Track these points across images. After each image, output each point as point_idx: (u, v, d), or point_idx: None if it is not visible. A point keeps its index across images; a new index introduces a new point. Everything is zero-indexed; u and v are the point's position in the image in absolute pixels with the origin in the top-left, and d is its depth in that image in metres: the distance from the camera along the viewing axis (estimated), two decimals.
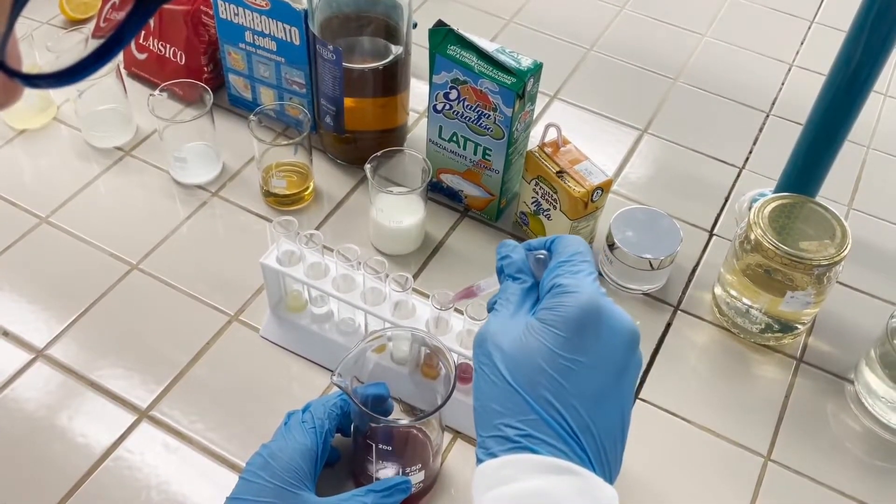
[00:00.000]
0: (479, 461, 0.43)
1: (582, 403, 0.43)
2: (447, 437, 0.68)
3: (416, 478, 0.60)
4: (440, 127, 0.80)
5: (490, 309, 0.50)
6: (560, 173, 0.74)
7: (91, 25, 0.98)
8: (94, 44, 0.55)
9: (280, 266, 0.68)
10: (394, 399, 0.63)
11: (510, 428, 0.42)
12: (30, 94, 0.89)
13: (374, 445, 0.58)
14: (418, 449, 0.62)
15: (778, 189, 0.82)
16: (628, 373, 0.45)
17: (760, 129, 0.99)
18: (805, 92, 0.77)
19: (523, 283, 0.49)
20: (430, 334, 0.61)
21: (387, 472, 0.60)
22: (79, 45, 0.85)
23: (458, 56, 0.75)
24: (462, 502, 0.65)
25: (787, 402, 0.73)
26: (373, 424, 0.58)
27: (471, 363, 0.60)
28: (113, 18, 0.93)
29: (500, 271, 0.50)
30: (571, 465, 0.41)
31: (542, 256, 0.49)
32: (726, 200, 0.90)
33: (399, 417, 0.64)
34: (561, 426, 0.42)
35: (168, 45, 0.91)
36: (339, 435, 0.64)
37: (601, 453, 0.43)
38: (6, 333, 0.72)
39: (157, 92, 0.83)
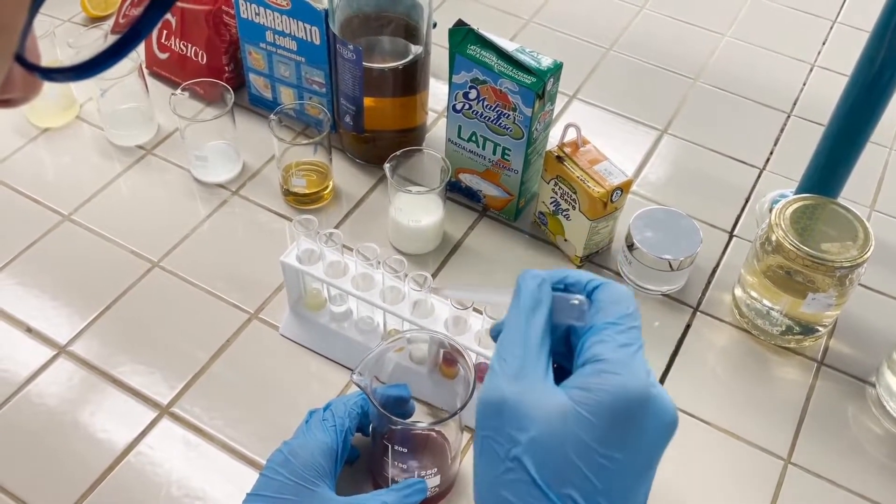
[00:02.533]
0: None
1: (608, 500, 0.37)
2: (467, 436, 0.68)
3: (433, 481, 0.60)
4: (459, 126, 0.80)
5: (494, 335, 0.43)
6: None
7: (111, 22, 0.99)
8: (111, 39, 0.55)
9: (300, 264, 0.69)
10: (415, 399, 0.63)
11: None
12: (53, 93, 0.90)
13: (390, 446, 0.58)
14: (436, 452, 0.62)
15: (799, 190, 0.81)
16: (657, 460, 0.39)
17: (781, 130, 0.98)
18: (827, 92, 0.76)
19: (536, 331, 0.40)
20: (449, 336, 0.61)
21: (403, 473, 0.60)
22: (98, 41, 0.86)
23: (477, 55, 0.75)
24: None
25: (808, 405, 0.72)
26: (391, 426, 0.58)
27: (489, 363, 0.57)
28: (131, 14, 0.93)
29: (516, 305, 0.41)
30: None
31: (577, 302, 0.41)
32: (747, 201, 0.89)
33: (418, 420, 0.64)
34: None
35: (189, 45, 0.92)
36: (359, 434, 0.64)
37: None
38: (30, 330, 0.73)
39: (178, 91, 0.83)
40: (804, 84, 1.05)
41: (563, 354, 0.43)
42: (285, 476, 0.56)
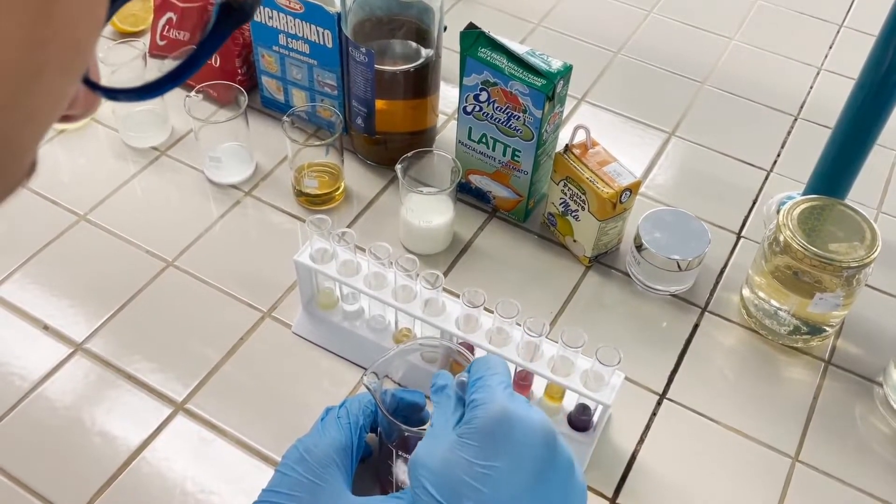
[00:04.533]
0: None
1: None
2: None
3: None
4: (470, 128, 0.81)
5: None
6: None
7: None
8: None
9: (313, 263, 0.70)
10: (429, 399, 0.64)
11: None
12: None
13: (395, 452, 0.59)
14: None
15: (807, 192, 0.82)
16: (553, 472, 0.46)
17: (788, 133, 0.99)
18: (834, 96, 0.77)
19: (444, 411, 0.50)
20: (459, 346, 0.62)
21: (404, 478, 0.60)
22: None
23: (488, 58, 0.76)
24: None
25: (816, 404, 0.73)
26: (398, 432, 0.58)
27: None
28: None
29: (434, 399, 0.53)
30: None
31: (464, 379, 0.51)
32: (754, 203, 0.90)
33: (426, 426, 0.64)
34: None
35: None
36: (372, 434, 0.64)
37: None
38: (46, 328, 0.74)
39: (192, 93, 0.85)
40: (811, 87, 1.05)
41: None
42: (300, 473, 0.57)
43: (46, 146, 0.91)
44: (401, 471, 0.60)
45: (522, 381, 0.68)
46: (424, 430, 0.60)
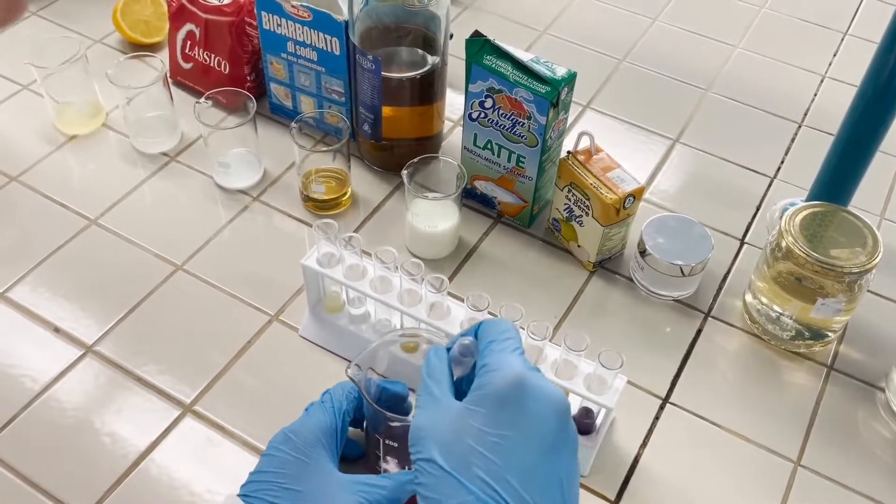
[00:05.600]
0: None
1: (516, 477, 0.43)
2: None
3: None
4: (475, 135, 0.82)
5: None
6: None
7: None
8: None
9: (320, 267, 0.71)
10: (412, 391, 0.65)
11: None
12: (80, 102, 0.93)
13: (381, 441, 0.60)
14: None
15: (809, 198, 0.83)
16: (562, 446, 0.45)
17: (792, 140, 1.00)
18: (838, 103, 0.77)
19: (440, 381, 0.49)
20: (439, 334, 0.63)
21: (392, 467, 0.61)
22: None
23: (493, 65, 0.77)
24: None
25: (818, 409, 0.73)
26: (382, 421, 0.59)
27: None
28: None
29: (423, 369, 0.51)
30: None
31: (467, 342, 0.50)
32: (758, 209, 0.91)
33: (410, 415, 0.65)
34: (496, 501, 0.42)
35: (213, 55, 0.95)
36: (358, 430, 0.66)
37: None
38: (57, 330, 0.75)
39: (202, 100, 0.86)
40: (815, 95, 1.06)
41: None
42: (287, 452, 0.57)
43: (57, 152, 0.92)
44: (390, 463, 0.61)
45: None
46: (409, 419, 0.62)
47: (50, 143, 0.93)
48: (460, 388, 0.51)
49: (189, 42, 0.96)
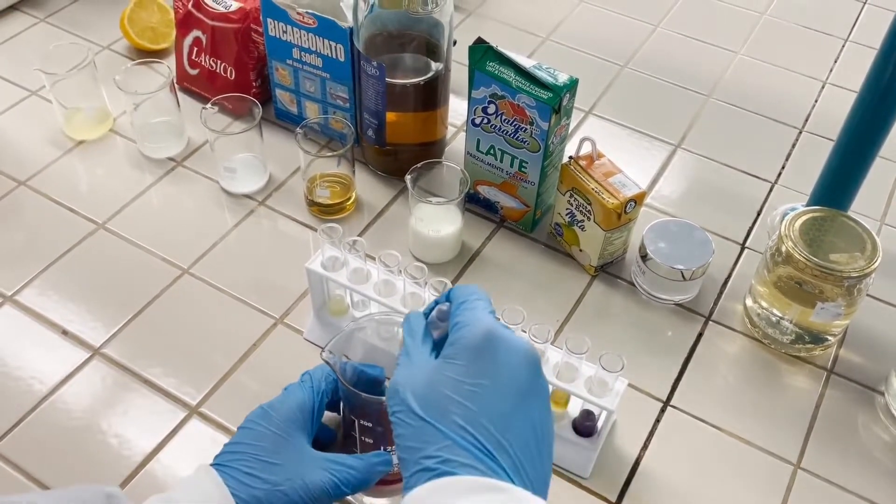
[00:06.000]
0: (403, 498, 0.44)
1: (491, 422, 0.44)
2: None
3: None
4: (478, 140, 0.83)
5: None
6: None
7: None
8: None
9: (324, 271, 0.71)
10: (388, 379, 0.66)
11: (428, 459, 0.44)
12: (88, 108, 0.94)
13: (356, 420, 0.61)
14: None
15: (810, 203, 0.83)
16: (534, 394, 0.47)
17: (793, 145, 1.00)
18: (838, 109, 0.78)
19: (418, 341, 0.51)
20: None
21: (370, 447, 0.62)
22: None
23: (496, 72, 0.78)
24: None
25: (818, 412, 0.74)
26: (357, 400, 0.60)
27: None
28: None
29: (403, 331, 0.52)
30: (494, 482, 0.42)
31: (444, 307, 0.52)
32: (759, 214, 0.91)
33: (382, 394, 0.67)
34: (475, 446, 0.44)
35: (219, 61, 0.96)
36: (334, 415, 0.66)
37: (519, 468, 0.44)
38: (65, 332, 0.76)
39: (208, 105, 0.87)
40: (816, 101, 1.07)
41: None
42: (264, 426, 0.59)
43: (66, 157, 0.93)
44: (362, 441, 0.62)
45: None
46: (384, 399, 0.63)
47: (58, 149, 0.94)
48: (437, 351, 0.52)
49: (196, 48, 0.97)
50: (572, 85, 0.77)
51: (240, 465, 0.57)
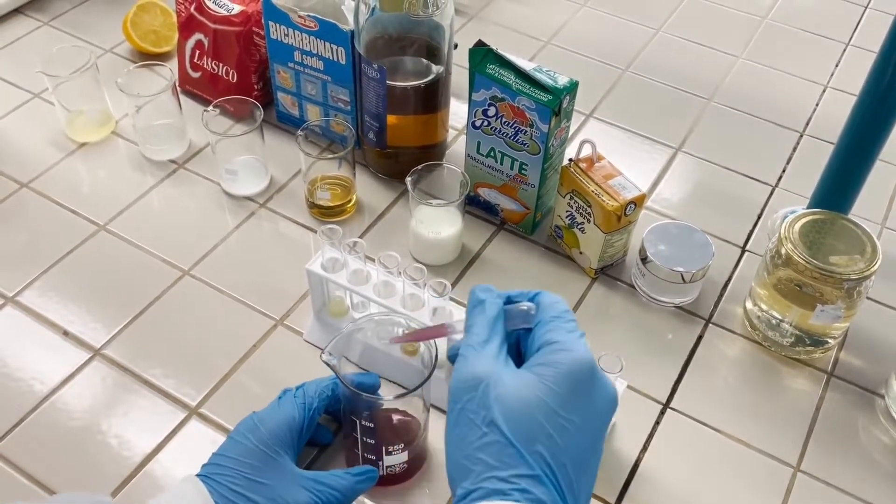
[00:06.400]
0: None
1: (571, 462, 0.44)
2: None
3: (400, 457, 0.64)
4: (478, 142, 0.83)
5: (453, 356, 0.50)
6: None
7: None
8: None
9: (324, 272, 0.72)
10: (386, 380, 0.68)
11: (504, 483, 0.42)
12: (91, 110, 0.94)
13: (357, 422, 0.62)
14: (402, 428, 0.65)
15: (810, 207, 0.83)
16: (606, 431, 0.47)
17: (794, 149, 1.00)
18: (839, 113, 0.78)
19: (499, 328, 0.48)
20: (411, 318, 0.66)
21: (371, 449, 0.63)
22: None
23: (496, 74, 0.78)
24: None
25: (818, 415, 0.74)
26: (358, 402, 0.61)
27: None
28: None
29: (476, 309, 0.49)
30: None
31: (526, 307, 0.50)
32: (759, 217, 0.91)
33: (383, 394, 0.67)
34: (551, 481, 0.43)
35: (221, 64, 0.96)
36: (328, 416, 0.68)
37: None
38: (66, 333, 0.77)
39: (210, 108, 0.87)
40: (817, 104, 1.07)
41: (513, 357, 0.49)
42: (252, 441, 0.60)
43: (68, 159, 0.94)
44: (363, 442, 0.63)
45: None
46: (380, 397, 0.63)
47: (60, 151, 0.94)
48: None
49: (198, 51, 0.97)
50: (572, 87, 0.78)
51: (226, 481, 0.58)
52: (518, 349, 0.51)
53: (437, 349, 0.62)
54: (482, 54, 0.79)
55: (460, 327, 0.52)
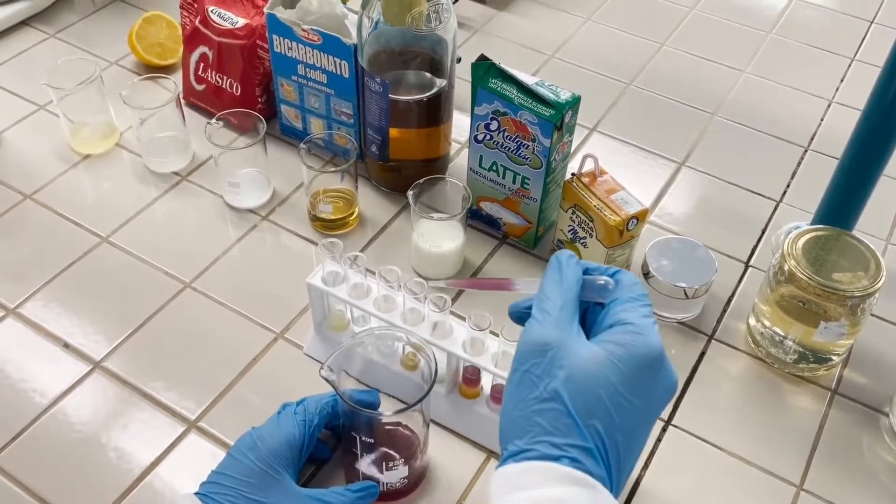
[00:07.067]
0: (503, 464, 0.45)
1: (623, 439, 0.45)
2: (453, 440, 0.70)
3: (400, 472, 0.63)
4: (481, 156, 0.83)
5: (517, 314, 0.51)
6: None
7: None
8: None
9: (324, 286, 0.71)
10: (386, 395, 0.68)
11: (555, 448, 0.44)
12: (95, 122, 0.95)
13: (357, 438, 0.61)
14: (402, 444, 0.65)
15: (814, 222, 0.83)
16: (657, 417, 0.48)
17: (798, 164, 1.00)
18: (845, 128, 0.78)
19: (574, 297, 0.49)
20: (411, 332, 0.66)
21: (370, 465, 0.63)
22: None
23: (498, 88, 0.78)
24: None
25: (821, 433, 0.73)
26: (358, 417, 0.61)
27: (504, 383, 0.61)
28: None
29: (556, 274, 0.50)
30: (590, 479, 0.43)
31: (604, 282, 0.50)
32: (763, 233, 0.91)
33: (383, 410, 0.67)
34: (601, 455, 0.44)
35: (225, 77, 0.96)
36: (327, 431, 0.68)
37: (620, 481, 0.46)
38: (67, 346, 0.77)
39: (213, 120, 0.88)
40: (822, 119, 1.06)
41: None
42: (251, 460, 0.60)
43: (72, 171, 0.94)
44: (364, 463, 0.63)
45: None
46: (382, 413, 0.63)
47: (65, 162, 0.95)
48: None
49: (202, 64, 0.98)
50: (574, 102, 0.77)
51: (225, 501, 0.58)
52: (584, 321, 0.51)
53: (436, 364, 0.61)
54: (484, 68, 0.79)
55: (524, 286, 0.53)
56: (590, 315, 0.51)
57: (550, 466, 0.43)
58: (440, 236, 0.81)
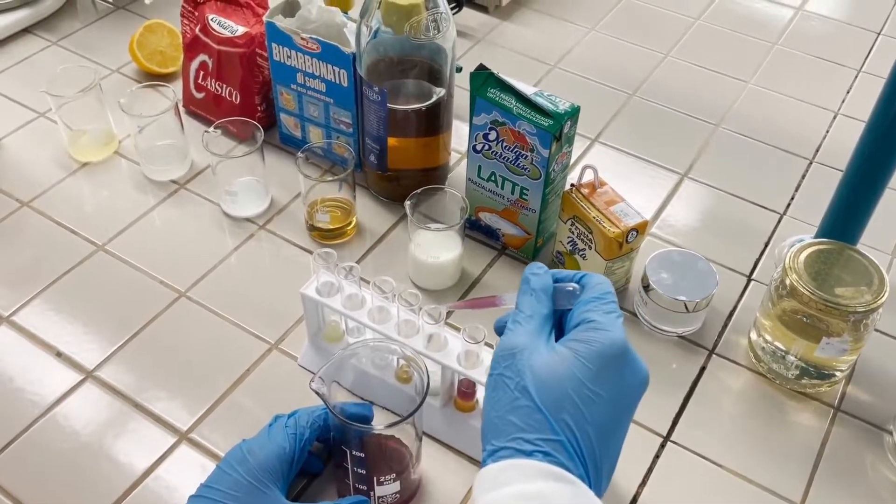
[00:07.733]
0: (485, 465, 0.47)
1: (594, 432, 0.47)
2: (447, 453, 0.69)
3: (392, 488, 0.62)
4: (479, 166, 0.82)
5: (499, 328, 0.54)
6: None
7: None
8: None
9: (319, 296, 0.71)
10: (381, 408, 0.67)
11: (528, 444, 0.46)
12: (94, 130, 0.94)
13: (348, 452, 0.61)
14: (394, 458, 0.64)
15: (818, 236, 0.81)
16: (633, 414, 0.50)
17: (803, 176, 0.99)
18: (850, 140, 0.77)
19: (544, 306, 0.52)
20: (404, 344, 0.65)
21: (362, 479, 0.62)
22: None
23: (497, 98, 0.77)
24: None
25: (823, 451, 0.72)
26: (348, 432, 0.60)
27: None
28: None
29: (526, 286, 0.53)
30: (569, 475, 0.45)
31: (571, 288, 0.53)
32: (766, 246, 0.90)
33: (373, 424, 0.66)
34: (574, 448, 0.46)
35: (224, 85, 0.96)
36: (318, 444, 0.67)
37: (598, 476, 0.47)
38: (59, 354, 0.76)
39: (211, 129, 0.87)
40: (827, 131, 1.05)
41: (557, 335, 0.53)
42: (240, 474, 0.59)
43: (70, 178, 0.94)
44: (354, 472, 0.62)
45: None
46: (373, 427, 0.62)
47: (63, 170, 0.94)
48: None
49: (202, 72, 0.98)
50: (574, 112, 0.77)
51: None
52: (561, 327, 0.54)
53: (428, 377, 0.60)
54: (483, 78, 0.79)
55: (510, 301, 0.56)
56: (564, 321, 0.54)
57: (528, 463, 0.45)
58: (438, 247, 0.80)
